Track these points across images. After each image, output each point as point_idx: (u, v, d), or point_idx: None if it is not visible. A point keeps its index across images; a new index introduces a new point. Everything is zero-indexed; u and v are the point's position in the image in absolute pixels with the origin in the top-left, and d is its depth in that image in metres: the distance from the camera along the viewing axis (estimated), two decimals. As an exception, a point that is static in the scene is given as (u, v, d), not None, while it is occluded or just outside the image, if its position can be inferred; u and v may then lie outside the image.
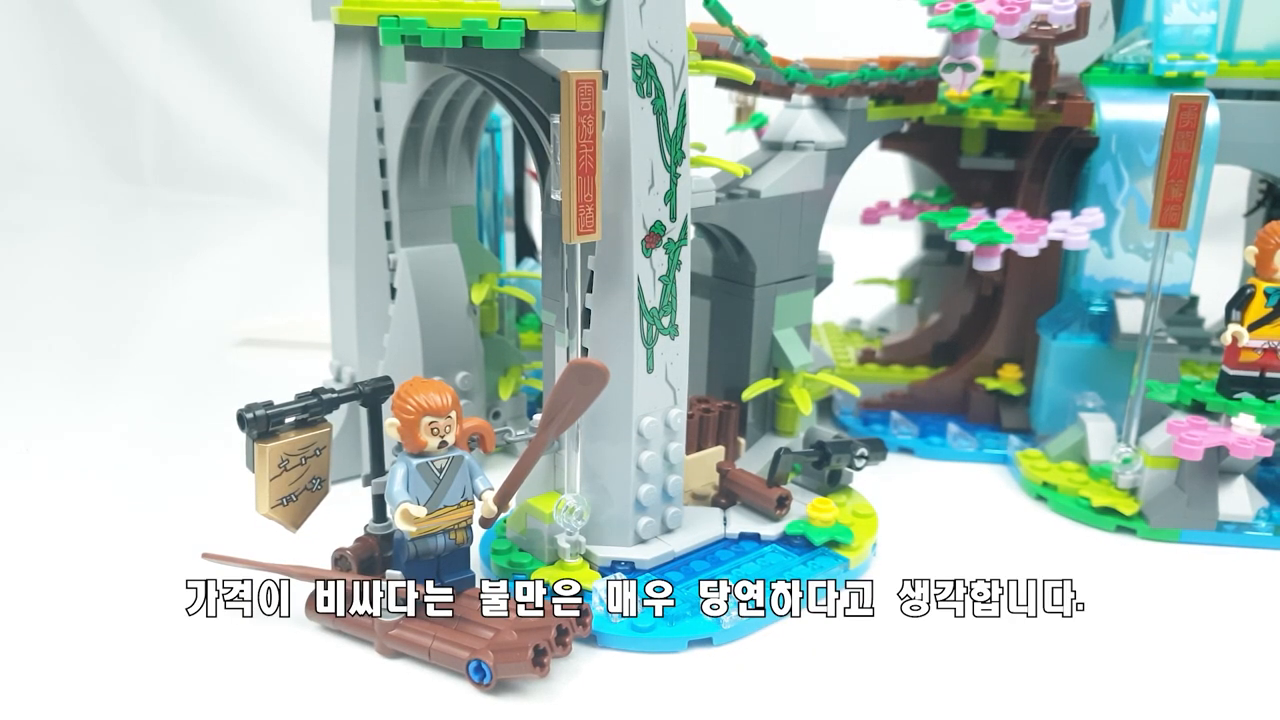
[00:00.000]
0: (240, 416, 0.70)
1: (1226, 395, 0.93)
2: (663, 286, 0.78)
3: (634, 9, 0.72)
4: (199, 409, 1.20)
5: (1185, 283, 1.06)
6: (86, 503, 0.96)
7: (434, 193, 1.01)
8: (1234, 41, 1.11)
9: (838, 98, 1.01)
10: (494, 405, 1.09)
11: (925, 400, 1.19)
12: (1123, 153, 1.03)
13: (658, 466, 0.81)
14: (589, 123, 0.69)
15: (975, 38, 0.96)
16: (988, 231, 1.01)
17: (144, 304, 1.70)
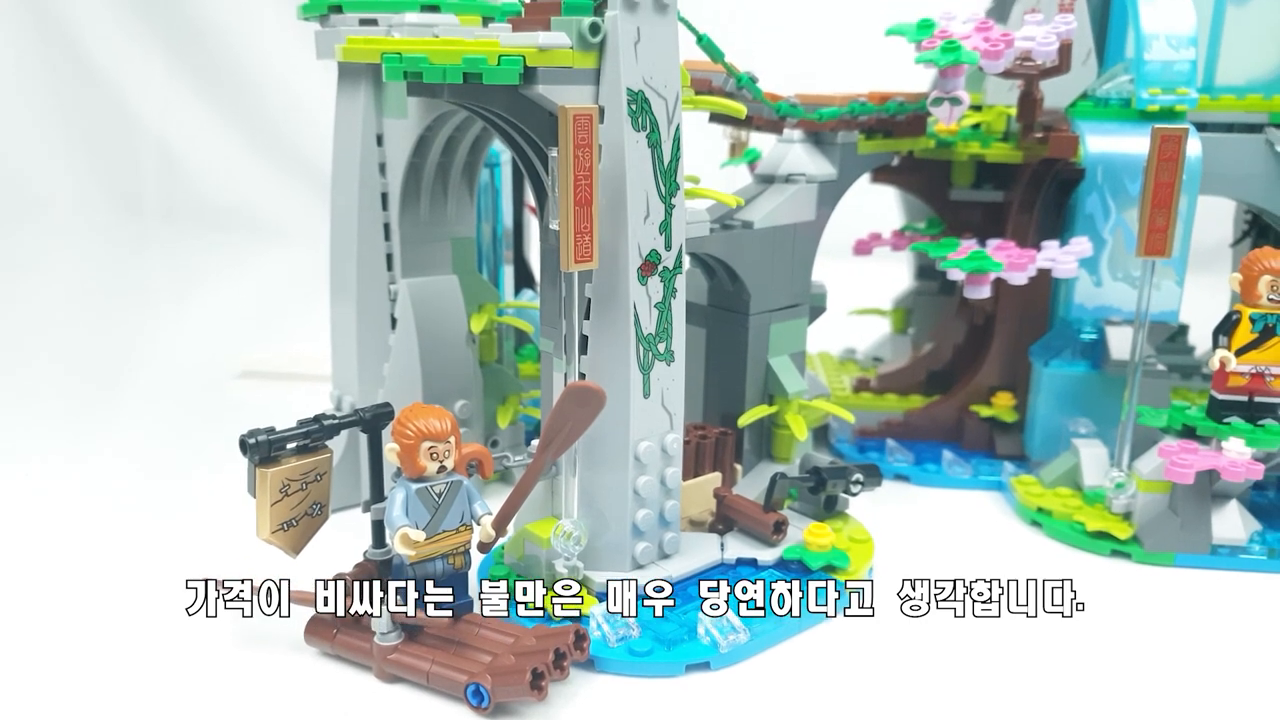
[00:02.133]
0: (243, 441, 0.71)
1: (1216, 419, 0.94)
2: (658, 313, 0.79)
3: (629, 46, 0.74)
4: (199, 440, 1.20)
5: (1173, 310, 1.08)
6: (86, 529, 0.96)
7: (435, 225, 1.03)
8: (1214, 77, 1.14)
9: (828, 132, 1.04)
10: (492, 433, 1.10)
11: (920, 428, 1.20)
12: (1109, 184, 1.05)
13: (655, 491, 0.82)
14: (586, 155, 0.71)
15: (961, 73, 0.99)
16: (977, 260, 1.03)
17: (145, 337, 1.71)
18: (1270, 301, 0.91)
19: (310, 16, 1.00)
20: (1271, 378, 0.92)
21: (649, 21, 0.75)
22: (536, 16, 0.76)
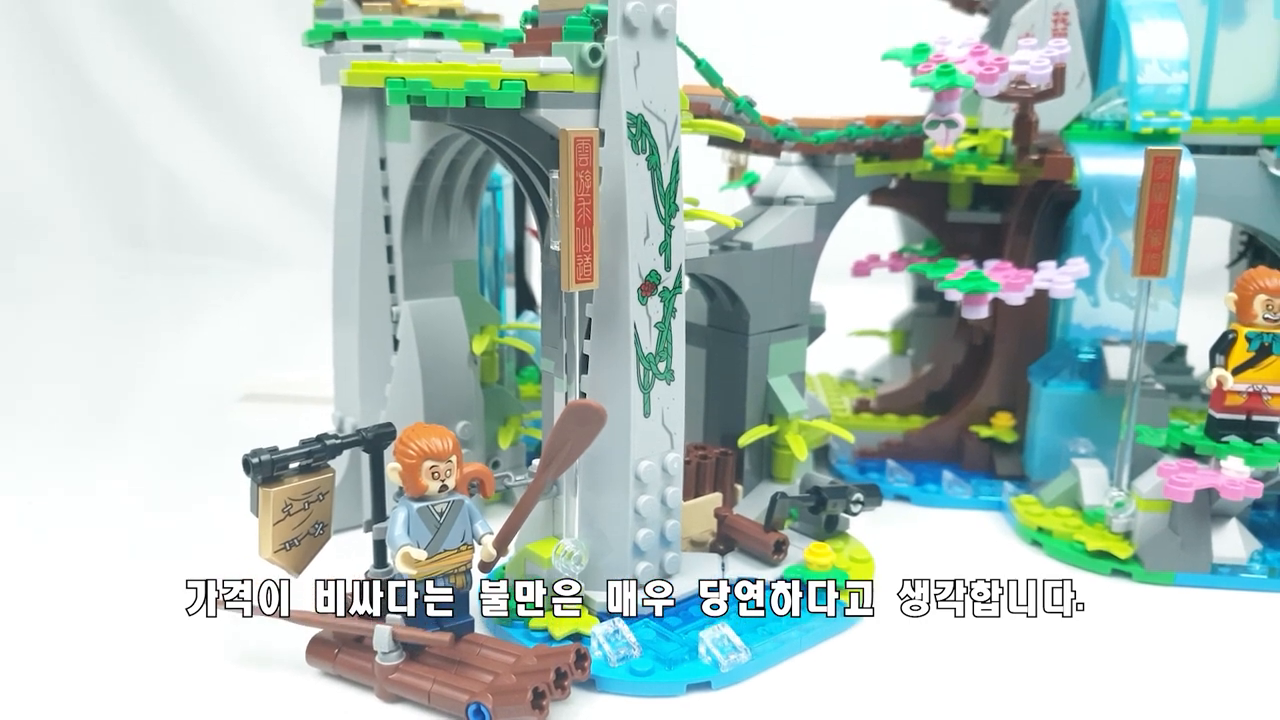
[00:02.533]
0: (246, 461, 0.72)
1: (1215, 438, 0.94)
2: (658, 333, 0.80)
3: (629, 71, 0.75)
4: (202, 463, 1.21)
5: (1171, 330, 1.08)
6: (90, 553, 0.96)
7: (437, 248, 1.04)
8: (1207, 100, 1.16)
9: (826, 155, 1.05)
10: (493, 454, 1.10)
11: (920, 449, 1.20)
12: (1104, 205, 1.07)
13: (655, 511, 0.82)
14: (587, 178, 0.72)
15: (957, 96, 1.00)
16: (975, 281, 1.04)
17: (148, 362, 1.72)
18: (1265, 320, 0.92)
19: (315, 43, 1.02)
20: (1269, 396, 0.92)
21: (648, 47, 0.76)
22: (538, 42, 0.77)
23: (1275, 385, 0.92)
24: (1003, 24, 1.19)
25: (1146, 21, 1.09)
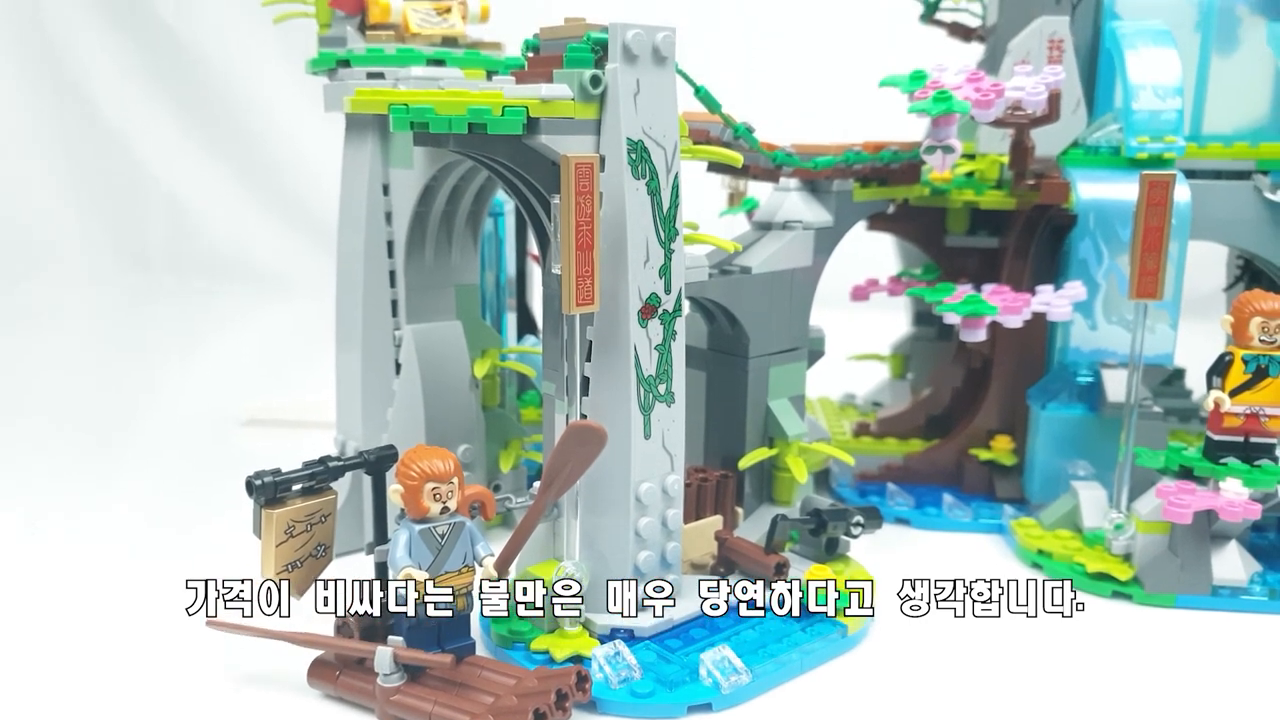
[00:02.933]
0: (249, 483, 0.72)
1: (1213, 460, 0.94)
2: (659, 355, 0.81)
3: (629, 98, 0.77)
4: (204, 486, 1.21)
5: (1168, 353, 1.09)
6: (94, 577, 0.96)
7: (439, 272, 1.05)
8: (1201, 125, 1.17)
9: (824, 180, 1.06)
10: (495, 477, 1.10)
11: (920, 472, 1.21)
12: (1101, 229, 1.08)
13: (656, 533, 0.83)
14: (587, 202, 0.73)
15: (953, 121, 1.01)
16: (972, 304, 1.04)
17: (151, 388, 1.73)
18: (1262, 343, 0.92)
19: (319, 71, 1.04)
20: (1266, 418, 0.93)
21: (648, 73, 0.77)
22: (539, 69, 0.79)
23: (1272, 407, 0.92)
24: (999, 51, 1.21)
25: (1141, 48, 1.10)
